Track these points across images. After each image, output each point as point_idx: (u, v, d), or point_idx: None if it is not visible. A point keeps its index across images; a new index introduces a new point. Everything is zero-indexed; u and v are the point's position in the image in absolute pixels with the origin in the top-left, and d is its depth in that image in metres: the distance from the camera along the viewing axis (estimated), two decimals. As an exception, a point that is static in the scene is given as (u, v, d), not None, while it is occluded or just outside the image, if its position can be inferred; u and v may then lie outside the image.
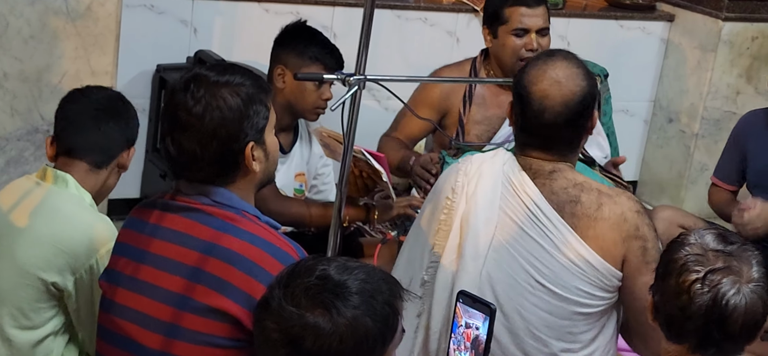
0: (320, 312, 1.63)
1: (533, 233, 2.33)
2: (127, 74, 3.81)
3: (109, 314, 2.08)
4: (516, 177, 2.37)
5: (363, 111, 2.71)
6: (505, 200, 2.36)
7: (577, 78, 2.36)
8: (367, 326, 1.65)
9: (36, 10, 3.40)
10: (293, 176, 3.27)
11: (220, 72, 2.04)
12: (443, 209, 2.44)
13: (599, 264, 2.30)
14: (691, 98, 4.90)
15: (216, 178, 2.04)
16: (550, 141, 2.36)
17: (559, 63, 2.37)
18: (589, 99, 2.36)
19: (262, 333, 1.69)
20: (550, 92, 2.33)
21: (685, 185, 4.95)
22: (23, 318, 2.32)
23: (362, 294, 1.66)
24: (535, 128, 2.36)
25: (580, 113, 2.35)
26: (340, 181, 2.70)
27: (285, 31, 3.26)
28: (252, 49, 4.00)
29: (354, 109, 2.67)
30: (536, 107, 2.34)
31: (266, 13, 4.03)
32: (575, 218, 2.31)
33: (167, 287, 2.00)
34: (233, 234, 1.98)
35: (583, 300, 2.33)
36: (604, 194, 2.34)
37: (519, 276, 2.33)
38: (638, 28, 4.90)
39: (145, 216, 2.10)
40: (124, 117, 2.49)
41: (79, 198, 2.38)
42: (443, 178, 2.53)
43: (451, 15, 4.45)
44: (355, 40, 2.71)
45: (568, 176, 2.36)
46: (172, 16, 3.92)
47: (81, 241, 2.31)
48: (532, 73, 2.37)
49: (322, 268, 1.68)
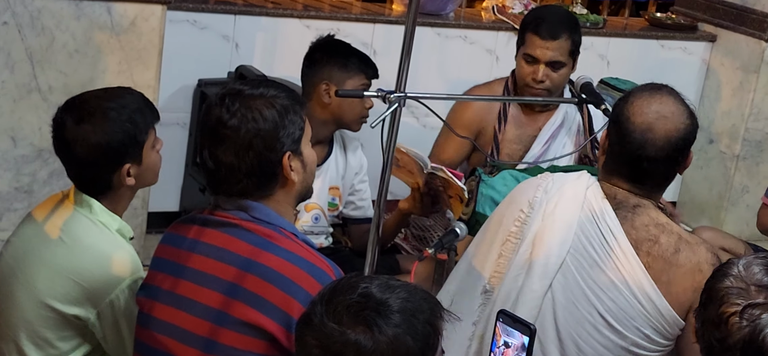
0: (362, 329, 1.64)
1: (605, 264, 2.29)
2: (168, 89, 3.85)
3: (148, 328, 2.10)
4: (598, 204, 2.34)
5: (401, 128, 2.72)
6: (582, 226, 2.33)
7: (682, 116, 2.33)
8: (407, 345, 1.65)
9: (81, 25, 3.45)
10: (327, 189, 3.29)
11: (255, 86, 2.07)
12: (515, 221, 2.41)
13: (666, 311, 2.26)
14: (733, 119, 4.85)
15: (254, 190, 2.05)
16: (643, 175, 2.33)
17: (665, 98, 2.33)
18: (690, 138, 2.34)
19: (303, 349, 1.69)
20: (654, 125, 2.30)
21: (726, 208, 4.90)
22: (49, 346, 2.28)
23: (404, 312, 1.66)
24: (632, 159, 2.32)
25: (680, 151, 2.32)
26: (379, 198, 2.70)
27: (317, 48, 3.27)
28: (292, 64, 4.02)
29: (394, 126, 2.67)
30: (638, 139, 2.30)
31: (307, 30, 4.06)
32: (650, 258, 2.28)
33: (205, 302, 2.02)
34: (271, 251, 1.99)
35: (641, 341, 2.29)
36: (683, 241, 2.30)
37: (581, 304, 2.30)
38: (680, 48, 4.87)
39: (183, 231, 2.12)
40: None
41: (102, 227, 2.29)
42: (521, 189, 2.50)
43: (490, 33, 4.45)
44: (395, 57, 2.71)
45: (651, 215, 2.32)
46: (215, 31, 3.96)
47: (100, 276, 2.23)
48: (637, 103, 2.33)
49: (365, 286, 1.68)
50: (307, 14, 4.11)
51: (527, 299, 2.32)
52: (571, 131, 3.46)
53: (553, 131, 3.44)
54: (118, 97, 2.33)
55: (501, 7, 4.58)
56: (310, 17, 4.11)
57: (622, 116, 2.34)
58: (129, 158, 2.29)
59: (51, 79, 3.46)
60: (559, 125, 3.45)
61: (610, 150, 2.37)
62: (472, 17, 4.57)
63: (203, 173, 2.09)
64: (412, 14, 2.64)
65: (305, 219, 3.25)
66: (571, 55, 3.37)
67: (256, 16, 4.03)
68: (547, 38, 3.32)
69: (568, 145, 3.44)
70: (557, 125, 3.44)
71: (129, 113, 2.29)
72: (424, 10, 4.24)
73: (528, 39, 3.36)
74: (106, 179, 2.30)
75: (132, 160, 2.30)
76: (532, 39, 3.34)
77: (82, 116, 2.28)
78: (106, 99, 2.31)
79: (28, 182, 3.53)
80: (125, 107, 2.29)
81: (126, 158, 2.29)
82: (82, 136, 2.26)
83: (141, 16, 3.52)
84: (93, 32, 3.47)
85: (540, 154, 3.42)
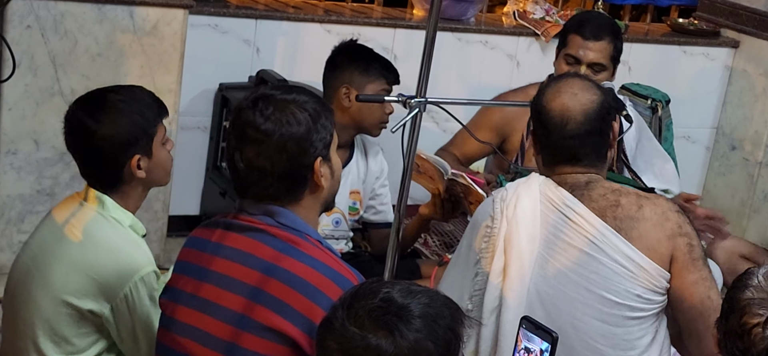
0: (383, 334, 1.64)
1: (579, 243, 2.36)
2: (190, 92, 3.86)
3: (170, 331, 2.10)
4: (554, 193, 2.42)
5: (422, 133, 2.72)
6: (545, 217, 2.41)
7: (592, 89, 2.45)
8: (428, 350, 1.65)
9: (104, 29, 3.47)
10: (348, 193, 3.29)
11: (286, 91, 2.08)
12: (483, 237, 2.48)
13: (647, 264, 2.33)
14: (756, 125, 4.82)
15: (284, 195, 2.06)
16: (576, 152, 2.43)
17: (571, 80, 2.48)
18: (607, 106, 2.45)
19: (324, 353, 1.69)
20: (568, 104, 2.42)
21: (748, 214, 4.87)
22: (66, 343, 2.30)
23: (425, 318, 1.66)
24: (560, 141, 2.43)
25: (601, 119, 2.42)
26: (399, 203, 2.70)
27: (339, 52, 3.28)
28: (313, 69, 4.03)
29: (414, 131, 2.67)
30: (558, 122, 2.41)
31: (328, 34, 4.07)
32: (618, 221, 2.35)
33: (228, 305, 2.02)
34: (295, 257, 1.99)
35: (635, 303, 2.34)
36: (642, 197, 2.39)
37: (568, 288, 2.35)
38: (702, 54, 4.84)
39: (207, 235, 2.12)
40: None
41: (115, 223, 2.33)
42: (480, 210, 2.57)
43: (511, 38, 4.44)
44: (416, 63, 2.72)
45: (604, 184, 2.42)
46: (236, 35, 3.97)
47: (113, 270, 2.26)
48: (548, 92, 2.46)
49: (386, 291, 1.68)
50: (328, 19, 4.12)
51: (511, 302, 2.38)
52: None
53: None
54: (127, 91, 2.39)
55: (522, 12, 4.57)
56: (331, 22, 4.11)
57: (539, 109, 2.46)
58: (139, 150, 2.33)
59: (73, 82, 3.48)
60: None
61: (541, 145, 2.48)
62: (492, 22, 4.56)
63: (232, 175, 2.09)
64: (433, 19, 2.64)
65: (326, 223, 3.25)
66: (613, 60, 3.37)
67: (277, 20, 4.04)
68: (590, 39, 3.33)
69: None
70: None
71: (139, 106, 2.34)
72: (445, 15, 4.24)
73: (570, 40, 3.35)
74: (117, 172, 2.33)
75: (142, 152, 2.33)
76: (574, 40, 3.34)
77: (92, 109, 2.33)
78: (116, 93, 2.37)
79: (50, 185, 3.55)
80: (135, 101, 2.35)
81: (136, 149, 2.32)
82: (93, 127, 2.31)
83: (163, 20, 3.54)
84: (115, 36, 3.49)
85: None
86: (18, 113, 3.46)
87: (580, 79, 2.49)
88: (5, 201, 3.54)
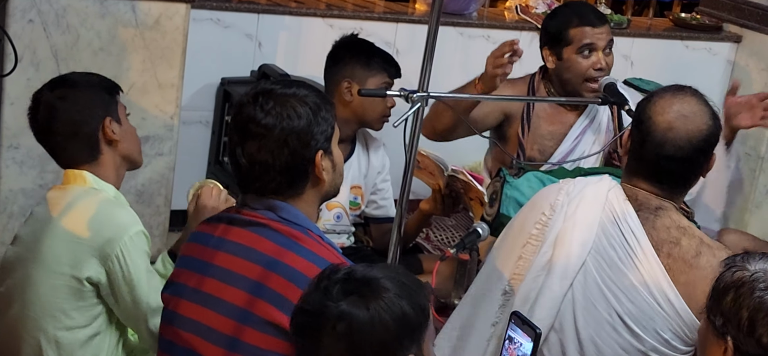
0: (353, 299, 1.68)
1: (625, 265, 2.29)
2: (192, 87, 3.86)
3: (172, 325, 2.11)
4: (619, 205, 2.33)
5: (425, 128, 2.72)
6: (603, 227, 2.33)
7: (705, 116, 2.31)
8: (403, 308, 1.68)
9: (106, 23, 3.47)
10: (349, 188, 3.29)
11: (286, 85, 2.08)
12: (536, 223, 2.41)
13: (684, 313, 2.25)
14: (758, 120, 4.81)
15: (287, 189, 2.06)
16: (663, 175, 2.32)
17: (688, 98, 2.33)
18: (713, 140, 2.32)
19: (301, 335, 1.73)
20: (675, 124, 2.29)
21: (750, 209, 4.87)
22: (66, 318, 2.35)
23: (392, 280, 1.71)
24: (652, 158, 2.32)
25: (701, 151, 2.31)
26: (401, 198, 2.70)
27: (340, 46, 3.28)
28: (315, 63, 4.02)
29: (416, 126, 2.67)
30: (659, 138, 2.30)
31: (330, 29, 4.06)
32: (671, 260, 2.27)
33: (230, 300, 2.02)
34: (296, 252, 2.00)
35: (660, 346, 2.28)
36: (705, 244, 2.29)
37: (601, 305, 2.30)
38: (704, 48, 4.84)
39: (210, 230, 2.13)
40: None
41: (97, 191, 2.40)
42: (542, 194, 2.50)
43: (514, 33, 4.43)
44: (418, 57, 2.71)
45: (673, 217, 2.32)
46: (238, 30, 3.97)
47: (102, 231, 2.32)
48: (660, 103, 2.33)
49: (348, 268, 1.75)
50: (330, 13, 4.12)
51: (546, 299, 2.32)
52: (600, 129, 3.44)
53: (582, 128, 3.43)
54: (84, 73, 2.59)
55: (524, 6, 4.57)
56: (334, 16, 4.11)
57: (644, 116, 2.34)
58: (109, 112, 2.43)
59: (75, 77, 3.48)
60: (588, 122, 3.44)
61: (631, 150, 2.37)
62: (495, 17, 4.56)
63: (234, 171, 2.10)
64: (435, 14, 2.63)
65: (327, 218, 3.25)
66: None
67: (279, 15, 4.04)
68: (599, 24, 3.32)
69: (596, 143, 3.42)
70: (587, 122, 3.44)
71: (97, 78, 2.52)
72: (447, 9, 4.24)
73: (578, 34, 3.31)
74: (91, 142, 2.42)
75: (111, 114, 2.44)
76: (583, 31, 3.31)
77: (56, 86, 2.46)
78: (74, 74, 2.57)
79: (52, 180, 3.55)
80: (94, 76, 2.54)
81: (106, 111, 2.43)
82: (61, 103, 2.42)
83: (165, 14, 3.54)
84: (117, 30, 3.49)
85: (569, 151, 3.40)
86: (20, 108, 3.45)
87: (697, 101, 2.32)
88: (7, 195, 3.54)
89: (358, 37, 3.33)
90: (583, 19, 3.33)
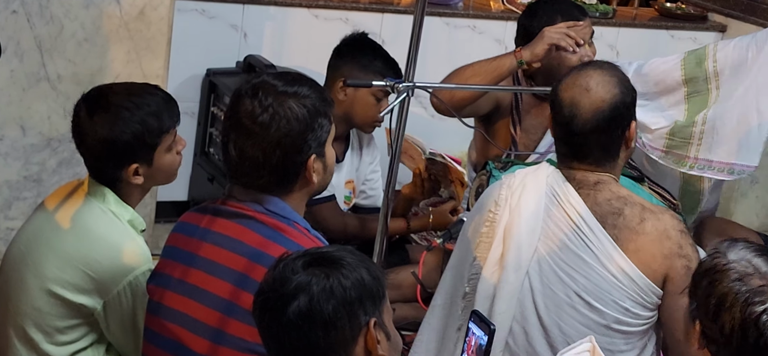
0: (313, 270, 1.69)
1: (575, 244, 2.32)
2: (177, 78, 3.85)
3: (157, 317, 2.10)
4: (560, 188, 2.37)
5: (409, 118, 2.72)
6: (548, 212, 2.36)
7: (609, 85, 2.34)
8: (362, 276, 1.70)
9: (90, 14, 3.45)
10: (343, 183, 3.29)
11: (289, 82, 2.05)
12: (485, 222, 2.45)
13: (639, 279, 2.28)
14: (743, 109, 4.83)
15: (275, 187, 2.05)
16: (584, 150, 2.36)
17: (591, 71, 2.36)
18: (621, 108, 2.34)
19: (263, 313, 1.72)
20: (577, 99, 2.33)
21: (735, 198, 4.88)
22: (58, 333, 2.29)
23: (349, 253, 1.73)
24: (566, 135, 2.37)
25: (611, 120, 2.33)
26: (387, 188, 2.70)
27: (346, 43, 3.24)
28: (301, 54, 4.02)
29: (402, 116, 2.67)
30: (566, 114, 2.34)
31: (316, 19, 4.05)
32: (617, 230, 2.30)
33: (215, 292, 2.02)
34: (281, 244, 1.99)
35: (621, 316, 2.30)
36: (647, 210, 2.33)
37: (557, 288, 2.33)
38: (689, 38, 4.85)
39: (196, 220, 2.12)
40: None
41: (113, 217, 2.28)
42: (487, 193, 2.53)
43: (499, 23, 4.44)
44: (404, 48, 2.71)
45: (612, 189, 2.36)
46: (223, 20, 3.96)
47: (109, 266, 2.23)
48: (564, 82, 2.38)
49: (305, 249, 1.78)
50: (315, 4, 4.10)
51: (505, 293, 2.35)
52: None
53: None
54: (138, 96, 2.28)
55: (510, -4, 4.56)
56: (319, 7, 4.10)
57: (553, 95, 2.39)
58: (137, 159, 2.27)
59: (60, 68, 3.46)
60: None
61: (554, 135, 2.42)
62: (480, 7, 4.55)
63: (224, 160, 2.09)
64: (420, 4, 2.64)
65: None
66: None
67: (264, 5, 4.02)
68: (581, 17, 3.29)
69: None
70: None
71: (142, 114, 2.25)
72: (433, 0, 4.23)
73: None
74: (114, 174, 2.29)
75: (140, 161, 2.27)
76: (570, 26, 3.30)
77: (95, 109, 2.27)
78: (125, 96, 2.27)
79: (37, 171, 3.54)
80: (140, 108, 2.25)
81: (133, 159, 2.26)
82: (91, 128, 2.26)
83: (150, 5, 3.52)
84: (102, 21, 3.48)
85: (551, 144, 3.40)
86: (4, 99, 3.44)
87: (602, 73, 2.36)
88: (-8, 187, 3.52)
89: (366, 37, 3.27)
90: (570, 13, 3.31)
